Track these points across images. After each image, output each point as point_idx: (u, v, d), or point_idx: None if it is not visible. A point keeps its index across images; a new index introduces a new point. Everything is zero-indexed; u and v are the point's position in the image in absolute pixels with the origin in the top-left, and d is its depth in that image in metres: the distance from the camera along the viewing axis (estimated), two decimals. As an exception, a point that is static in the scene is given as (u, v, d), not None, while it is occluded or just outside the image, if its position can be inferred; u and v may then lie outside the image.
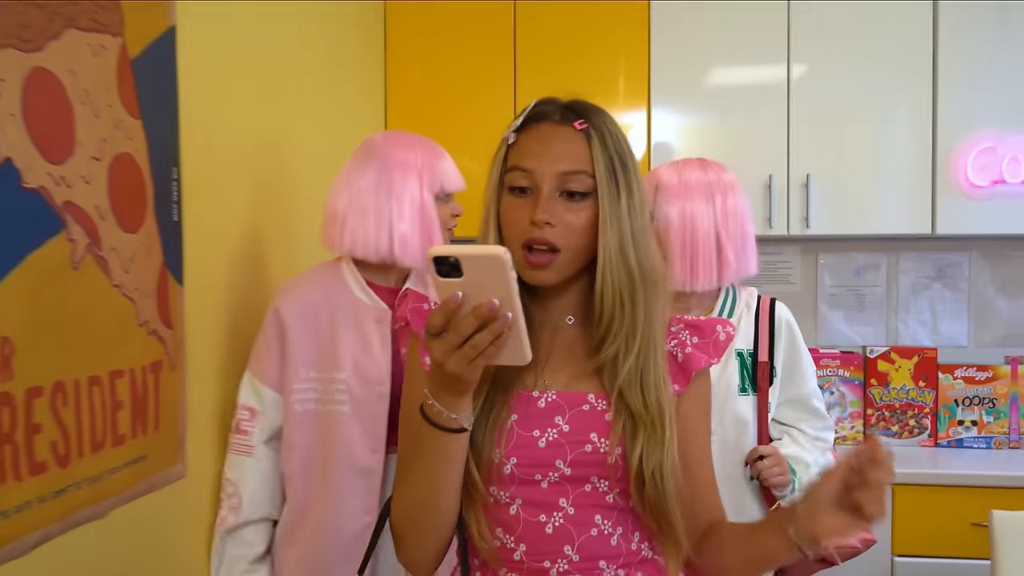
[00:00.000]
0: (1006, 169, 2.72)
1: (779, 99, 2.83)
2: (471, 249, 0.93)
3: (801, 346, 1.86)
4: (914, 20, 2.77)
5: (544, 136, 1.14)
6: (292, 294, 1.74)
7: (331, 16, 2.51)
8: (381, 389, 1.68)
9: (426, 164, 1.72)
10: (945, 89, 2.75)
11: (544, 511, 1.13)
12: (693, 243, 1.75)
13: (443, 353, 0.96)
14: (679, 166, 1.83)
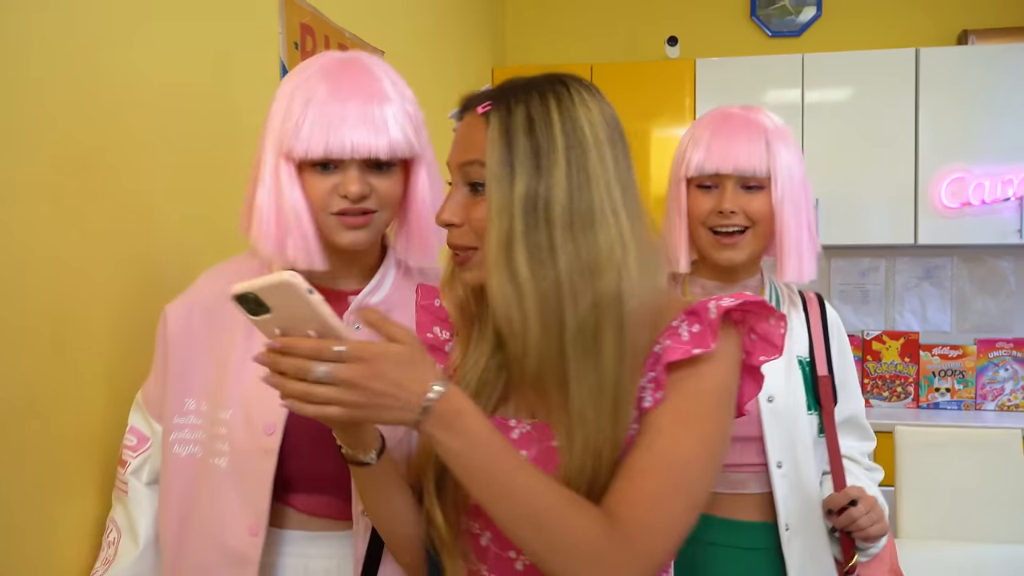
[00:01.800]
0: (971, 194, 3.52)
1: (795, 137, 3.66)
2: (261, 281, 0.82)
3: (849, 352, 1.51)
4: (900, 70, 3.55)
5: (461, 127, 0.98)
6: (189, 290, 1.27)
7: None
8: (268, 442, 1.13)
9: (286, 112, 1.12)
10: (924, 130, 3.55)
11: (513, 548, 0.97)
12: (807, 219, 1.42)
13: (287, 393, 0.83)
14: (761, 113, 1.47)
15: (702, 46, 3.94)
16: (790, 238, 1.40)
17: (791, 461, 1.37)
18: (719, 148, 1.41)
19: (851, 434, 1.51)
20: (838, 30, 3.91)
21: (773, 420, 1.37)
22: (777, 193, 1.40)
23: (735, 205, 1.41)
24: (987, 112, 3.50)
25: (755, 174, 1.40)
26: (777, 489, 1.36)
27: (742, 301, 0.93)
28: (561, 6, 4.15)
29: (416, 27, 2.94)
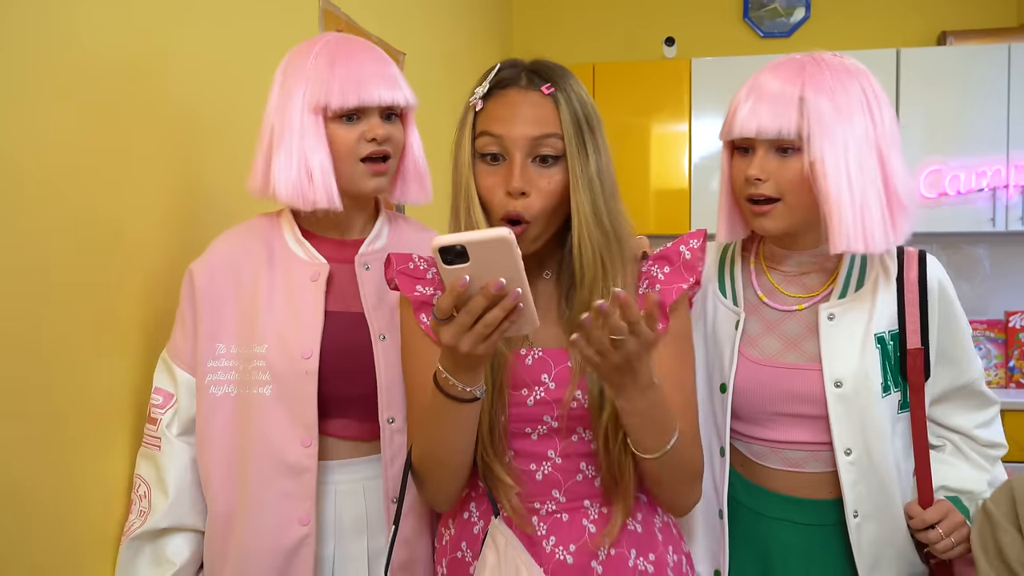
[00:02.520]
0: (948, 185, 3.77)
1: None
2: (476, 235, 0.92)
3: (961, 318, 1.36)
4: (882, 68, 3.80)
5: (512, 102, 1.10)
6: (211, 251, 1.38)
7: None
8: (308, 365, 1.29)
9: (313, 75, 1.30)
10: (906, 126, 3.79)
11: (534, 461, 1.18)
12: (862, 182, 1.23)
13: (454, 336, 0.97)
14: (819, 63, 1.30)
15: (698, 46, 4.20)
16: (835, 204, 1.23)
17: (862, 448, 1.28)
18: (748, 108, 1.27)
19: (964, 404, 1.38)
20: (826, 31, 4.16)
21: (841, 406, 1.28)
22: (812, 155, 1.23)
23: (763, 172, 1.26)
24: (963, 108, 3.75)
25: (780, 135, 1.24)
26: (844, 475, 1.28)
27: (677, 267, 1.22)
28: (564, 8, 4.40)
29: (433, 31, 3.19)
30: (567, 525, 1.18)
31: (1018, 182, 3.72)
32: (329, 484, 1.33)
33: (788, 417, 1.32)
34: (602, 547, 1.18)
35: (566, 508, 1.19)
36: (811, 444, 1.32)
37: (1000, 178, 3.73)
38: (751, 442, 1.37)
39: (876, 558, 1.30)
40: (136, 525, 1.31)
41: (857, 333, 1.30)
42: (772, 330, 1.36)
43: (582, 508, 1.20)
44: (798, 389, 1.30)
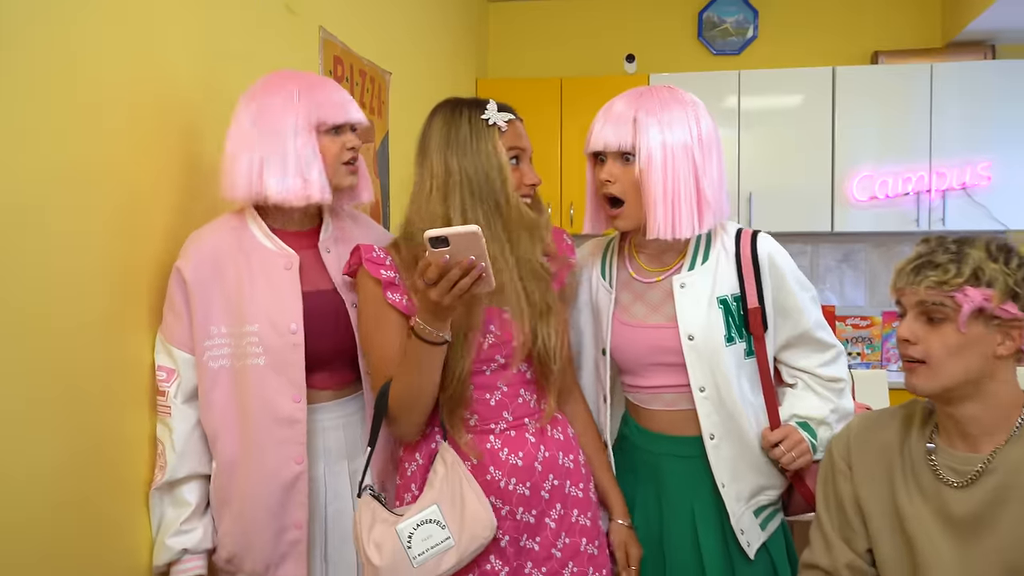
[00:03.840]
0: (878, 189, 4.20)
1: (731, 143, 4.34)
2: (456, 229, 1.31)
3: (790, 279, 1.66)
4: (820, 85, 4.23)
5: (520, 127, 1.62)
6: (191, 250, 1.63)
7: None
8: (295, 338, 1.59)
9: (302, 96, 1.60)
10: (839, 135, 4.22)
11: (488, 391, 1.58)
12: (675, 183, 1.56)
13: (439, 294, 1.36)
14: (653, 92, 1.63)
15: (656, 63, 4.62)
16: (654, 199, 1.57)
17: (713, 385, 1.61)
18: (599, 127, 1.63)
19: (805, 348, 1.69)
20: (771, 50, 4.60)
21: (693, 354, 1.62)
22: (640, 164, 1.57)
23: (611, 176, 1.62)
24: (891, 121, 4.19)
25: (620, 148, 1.60)
26: (700, 407, 1.62)
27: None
28: (535, 27, 4.82)
29: (416, 50, 3.57)
30: (515, 439, 1.59)
31: (939, 187, 4.15)
32: (316, 423, 1.67)
33: (657, 366, 1.67)
34: (539, 451, 1.59)
35: (513, 426, 1.59)
36: (677, 386, 1.66)
37: (924, 183, 4.17)
38: (637, 391, 1.73)
39: (733, 472, 1.64)
40: (158, 478, 1.63)
41: (703, 297, 1.64)
42: (639, 299, 1.71)
43: (524, 425, 1.60)
44: (660, 343, 1.66)
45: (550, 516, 1.59)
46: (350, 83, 2.78)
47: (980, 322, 1.33)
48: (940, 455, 1.41)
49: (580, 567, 1.60)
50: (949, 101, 4.14)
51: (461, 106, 1.59)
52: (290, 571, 1.64)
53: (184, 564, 1.63)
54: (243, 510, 1.62)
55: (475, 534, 1.49)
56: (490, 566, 1.56)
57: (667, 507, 1.70)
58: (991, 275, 1.31)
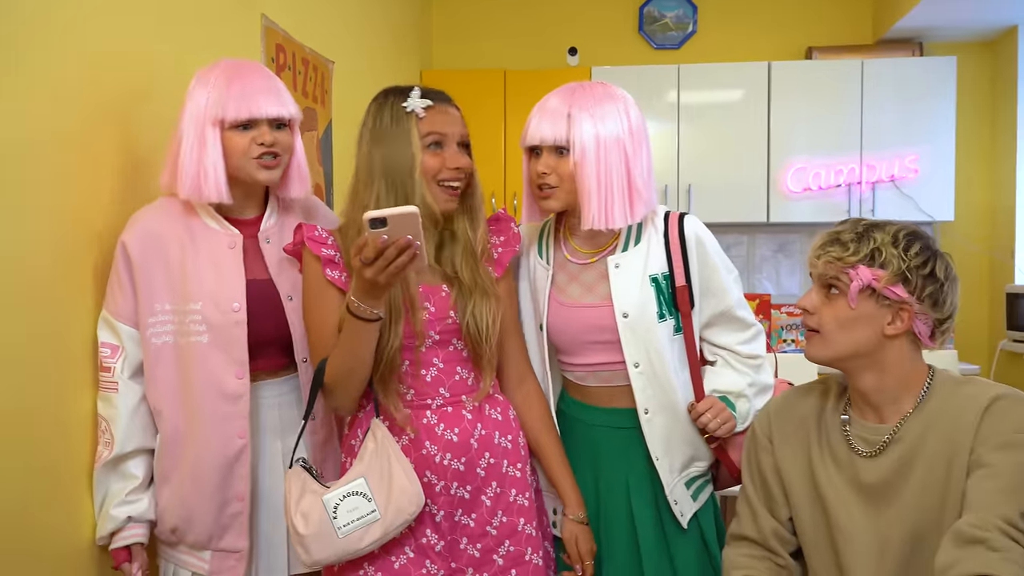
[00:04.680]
0: (811, 181, 4.34)
1: (671, 136, 4.44)
2: (394, 210, 1.36)
3: (714, 258, 1.74)
4: (756, 79, 4.36)
5: (446, 111, 1.61)
6: (137, 225, 1.66)
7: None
8: (238, 316, 1.62)
9: (213, 91, 1.61)
10: (775, 128, 4.35)
11: (424, 367, 1.61)
12: (608, 175, 1.63)
13: (376, 272, 1.39)
14: (586, 88, 1.69)
15: (597, 56, 4.70)
16: (588, 191, 1.63)
17: (646, 361, 1.69)
18: (535, 122, 1.69)
19: (726, 327, 1.77)
20: (709, 45, 4.70)
21: (628, 331, 1.69)
22: (575, 156, 1.64)
23: (547, 167, 1.67)
24: (824, 114, 4.33)
25: (556, 142, 1.65)
26: (635, 382, 1.69)
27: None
28: (479, 19, 4.85)
29: (359, 40, 3.59)
30: (451, 415, 1.62)
31: (869, 179, 4.31)
32: (256, 400, 1.70)
33: (593, 344, 1.73)
34: (476, 428, 1.63)
35: (450, 402, 1.62)
36: (613, 363, 1.72)
37: (855, 175, 4.32)
38: (574, 369, 1.78)
39: (667, 444, 1.71)
40: (104, 454, 1.63)
41: (636, 276, 1.70)
42: (574, 280, 1.76)
43: (461, 402, 1.63)
44: (597, 322, 1.71)
45: (486, 494, 1.63)
46: (292, 71, 2.79)
47: (871, 300, 1.40)
48: (853, 426, 1.48)
49: (517, 546, 1.63)
50: (879, 96, 4.29)
51: (390, 95, 1.61)
52: (232, 542, 1.67)
53: (127, 531, 1.64)
54: (188, 483, 1.64)
55: (401, 508, 1.52)
56: (425, 539, 1.60)
57: (603, 480, 1.75)
58: (887, 257, 1.39)
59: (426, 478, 1.59)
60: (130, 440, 1.65)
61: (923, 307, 1.40)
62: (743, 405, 1.74)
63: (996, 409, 1.35)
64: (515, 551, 1.64)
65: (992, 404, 1.35)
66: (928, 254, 1.40)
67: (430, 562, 1.60)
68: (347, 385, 1.57)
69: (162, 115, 1.83)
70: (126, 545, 1.64)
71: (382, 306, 1.48)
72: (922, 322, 1.41)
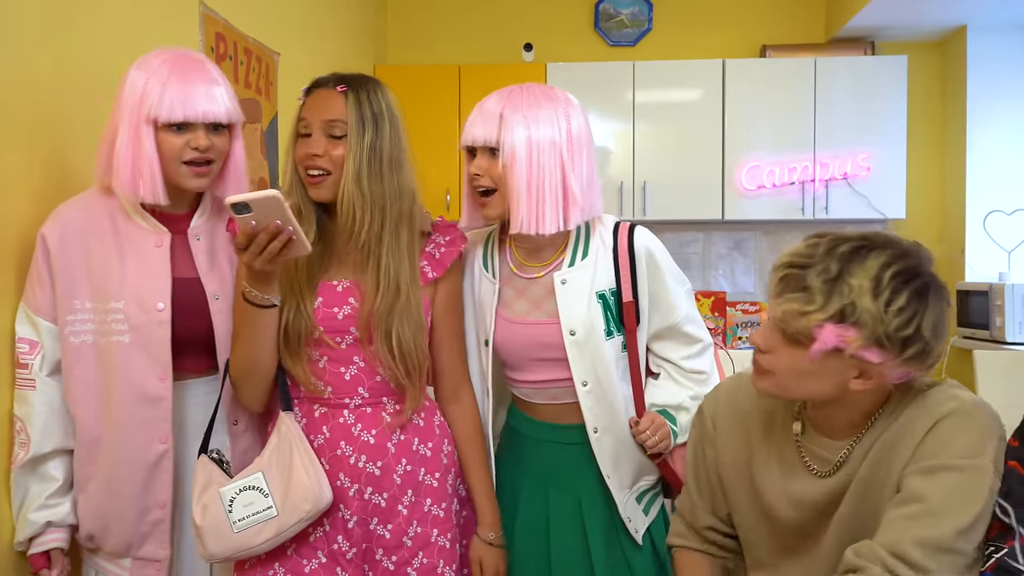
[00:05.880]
0: (765, 179, 4.35)
1: (626, 134, 4.42)
2: (255, 195, 1.33)
3: (665, 273, 1.68)
4: (711, 77, 4.35)
5: (317, 96, 1.55)
6: (59, 219, 1.58)
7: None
8: (162, 316, 1.55)
9: (152, 85, 1.52)
10: (729, 126, 4.35)
11: (343, 364, 1.56)
12: (539, 179, 1.58)
13: (251, 258, 1.38)
14: (524, 90, 1.64)
15: (553, 52, 4.67)
16: (517, 194, 1.58)
17: (594, 380, 1.64)
18: (470, 122, 1.66)
19: (673, 341, 1.71)
20: (664, 42, 4.70)
21: (575, 349, 1.63)
22: (504, 158, 1.59)
23: (480, 169, 1.63)
24: (778, 112, 4.34)
25: (487, 143, 1.61)
26: (583, 401, 1.64)
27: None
28: (434, 14, 4.80)
29: (308, 31, 3.52)
30: (370, 415, 1.57)
31: (823, 177, 4.32)
32: (181, 400, 1.63)
33: (540, 361, 1.68)
34: (395, 432, 1.57)
35: (369, 403, 1.57)
36: (560, 381, 1.67)
37: (808, 173, 4.33)
38: (521, 385, 1.73)
39: (616, 462, 1.68)
40: (20, 455, 1.56)
41: (583, 292, 1.65)
42: (521, 295, 1.70)
43: (381, 403, 1.57)
44: (543, 339, 1.66)
45: (402, 503, 1.57)
46: (234, 61, 2.71)
47: (837, 356, 1.19)
48: (807, 437, 1.35)
49: (430, 558, 1.58)
50: (832, 94, 4.31)
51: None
52: (152, 551, 1.60)
53: (45, 536, 1.57)
54: (105, 489, 1.57)
55: (296, 506, 1.48)
56: (337, 546, 1.55)
57: (553, 497, 1.71)
58: (861, 316, 1.15)
59: (339, 481, 1.55)
60: (48, 440, 1.57)
61: (900, 366, 1.18)
62: (684, 418, 1.69)
63: (939, 430, 1.21)
64: (428, 563, 1.59)
65: (937, 424, 1.21)
66: (916, 308, 1.15)
67: (341, 569, 1.55)
68: (250, 376, 1.55)
69: (92, 103, 1.77)
70: (45, 550, 1.56)
71: (273, 292, 1.47)
72: (900, 374, 1.21)
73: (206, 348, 1.64)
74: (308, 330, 1.54)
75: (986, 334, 3.97)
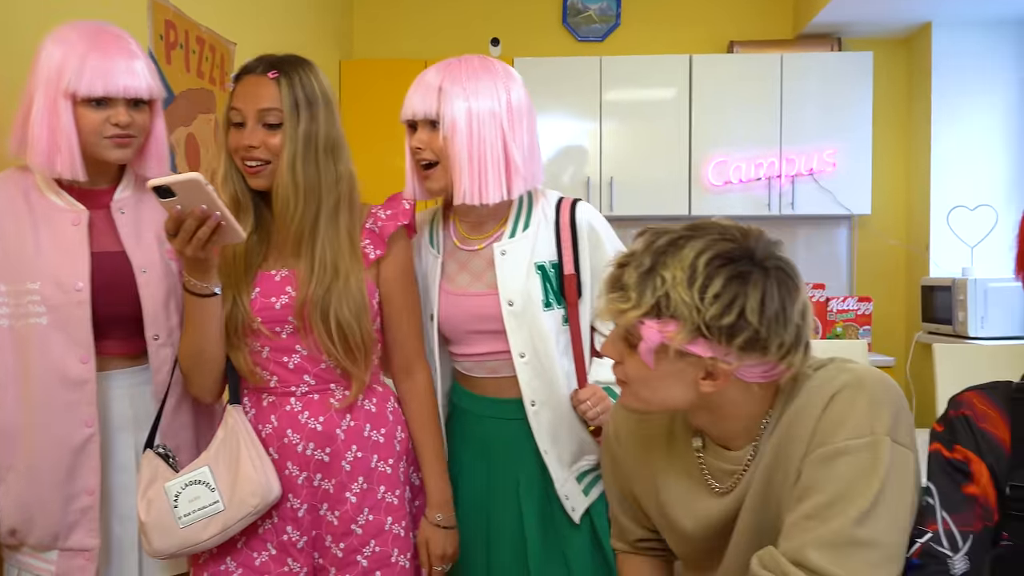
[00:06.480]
0: (732, 174, 4.34)
1: (594, 129, 4.41)
2: (176, 177, 1.29)
3: (608, 248, 1.69)
4: (678, 72, 4.35)
5: (248, 84, 1.50)
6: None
7: None
8: (81, 296, 1.50)
9: (70, 58, 1.48)
10: (696, 121, 4.34)
11: (285, 354, 1.53)
12: (480, 149, 1.59)
13: (180, 245, 1.35)
14: (462, 62, 1.65)
15: (520, 47, 4.65)
16: (460, 165, 1.59)
17: (532, 351, 1.64)
18: (410, 96, 1.65)
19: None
20: (632, 38, 4.69)
21: (513, 320, 1.64)
22: (444, 130, 1.59)
23: (421, 143, 1.63)
24: (745, 108, 4.34)
25: (427, 116, 1.60)
26: (520, 374, 1.64)
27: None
28: (401, 8, 4.77)
29: (268, 23, 3.48)
30: (317, 403, 1.54)
31: (789, 172, 4.33)
32: (107, 390, 1.56)
33: (480, 334, 1.68)
34: (344, 418, 1.55)
35: (316, 389, 1.54)
36: (499, 353, 1.67)
37: (775, 169, 4.33)
38: (462, 359, 1.73)
39: (554, 437, 1.66)
40: None
41: (522, 263, 1.65)
42: (464, 267, 1.71)
43: (329, 389, 1.55)
44: (482, 311, 1.66)
45: (351, 490, 1.55)
46: (185, 50, 2.68)
47: (671, 356, 1.11)
48: (708, 452, 1.27)
49: (383, 547, 1.56)
50: (798, 90, 4.32)
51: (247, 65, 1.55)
52: (80, 539, 1.54)
53: None
54: (27, 478, 1.51)
55: (243, 500, 1.45)
56: (287, 536, 1.53)
57: (495, 475, 1.70)
58: (676, 307, 1.08)
59: (288, 470, 1.52)
60: None
61: (738, 358, 1.10)
62: None
63: (832, 409, 1.13)
64: (381, 552, 1.56)
65: (829, 402, 1.13)
66: (734, 292, 1.08)
67: (292, 560, 1.53)
68: (197, 367, 1.52)
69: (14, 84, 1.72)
70: None
71: (212, 280, 1.44)
72: (749, 368, 1.12)
73: (134, 326, 1.58)
74: (246, 321, 1.52)
75: (949, 329, 3.98)
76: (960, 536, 1.10)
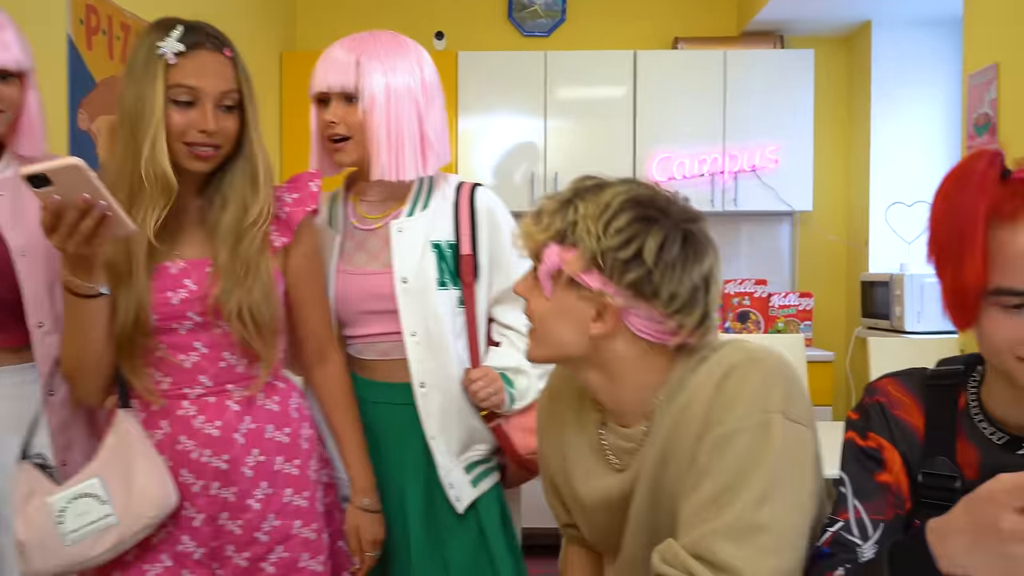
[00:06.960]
0: (676, 170, 4.35)
1: (539, 124, 4.39)
2: (53, 164, 1.14)
3: (505, 232, 1.69)
4: (622, 68, 4.33)
5: (203, 62, 1.38)
6: None
7: None
8: None
9: None
10: (640, 117, 4.35)
11: (182, 352, 1.42)
12: (398, 125, 1.59)
13: (60, 241, 1.20)
14: (375, 36, 1.64)
15: (464, 41, 4.60)
16: (378, 141, 1.58)
17: (424, 330, 1.61)
18: (322, 69, 1.62)
19: (513, 304, 1.66)
20: (577, 33, 4.68)
21: (406, 297, 1.61)
22: (364, 105, 1.58)
23: (336, 116, 1.60)
24: (689, 104, 4.34)
25: (344, 89, 1.58)
26: (411, 353, 1.61)
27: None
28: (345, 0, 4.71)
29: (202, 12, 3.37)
30: (213, 406, 1.45)
31: (731, 169, 4.35)
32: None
33: (371, 314, 1.65)
34: (242, 421, 1.46)
35: (213, 392, 1.45)
36: (391, 334, 1.64)
37: (718, 165, 4.35)
38: (354, 342, 1.70)
39: (443, 423, 1.63)
40: None
41: (418, 241, 1.64)
42: (361, 247, 1.68)
43: (226, 391, 1.46)
44: (375, 289, 1.64)
45: (254, 497, 1.47)
46: (108, 36, 2.60)
47: (571, 291, 1.14)
48: (608, 430, 1.26)
49: (291, 552, 1.49)
50: (741, 87, 4.33)
51: (153, 31, 1.43)
52: None
53: None
54: None
55: (140, 512, 1.37)
56: (182, 547, 1.46)
57: (384, 463, 1.66)
58: (580, 235, 1.11)
59: (182, 477, 1.44)
60: None
61: (628, 299, 1.11)
62: (522, 381, 1.67)
63: (725, 388, 1.10)
64: (288, 557, 1.49)
65: (723, 381, 1.11)
66: (637, 230, 1.09)
67: (188, 572, 1.45)
68: (82, 372, 1.42)
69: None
70: None
71: (97, 279, 1.32)
72: (638, 317, 1.12)
73: (11, 316, 1.50)
74: (141, 319, 1.40)
75: (888, 324, 4.03)
76: (871, 524, 1.09)
